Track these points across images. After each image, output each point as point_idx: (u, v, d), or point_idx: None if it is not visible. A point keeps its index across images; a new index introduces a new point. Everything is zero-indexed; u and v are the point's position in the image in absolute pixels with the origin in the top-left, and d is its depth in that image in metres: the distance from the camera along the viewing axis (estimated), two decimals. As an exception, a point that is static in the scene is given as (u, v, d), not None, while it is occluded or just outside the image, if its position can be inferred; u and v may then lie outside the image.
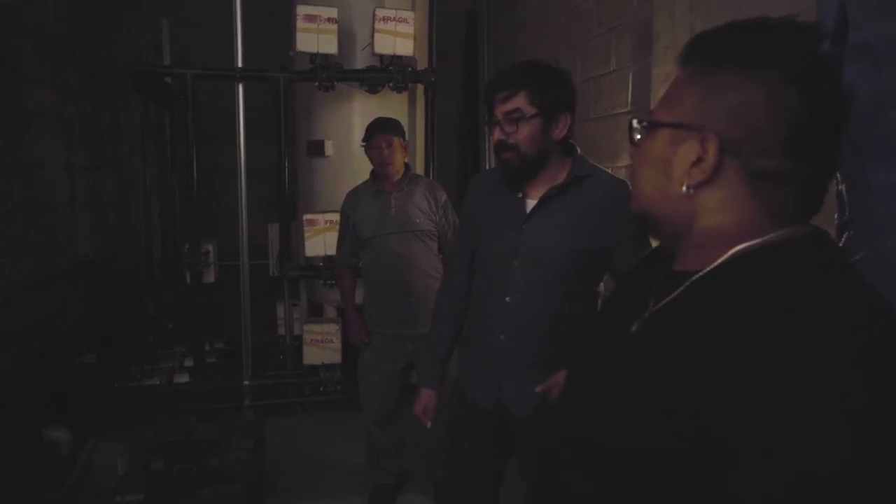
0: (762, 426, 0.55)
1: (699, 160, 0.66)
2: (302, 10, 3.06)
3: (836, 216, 1.00)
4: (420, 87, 3.52)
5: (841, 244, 0.98)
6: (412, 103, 3.55)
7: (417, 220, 2.45)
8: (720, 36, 0.68)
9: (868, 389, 0.53)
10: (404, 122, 3.51)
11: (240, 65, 3.24)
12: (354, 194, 2.57)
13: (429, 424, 1.77)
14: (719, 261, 0.67)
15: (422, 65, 3.52)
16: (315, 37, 3.08)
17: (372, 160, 2.47)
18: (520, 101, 1.43)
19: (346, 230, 2.55)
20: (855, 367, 0.54)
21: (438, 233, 2.52)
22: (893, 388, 0.54)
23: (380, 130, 2.44)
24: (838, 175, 0.98)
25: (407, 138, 3.51)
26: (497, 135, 1.47)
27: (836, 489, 0.52)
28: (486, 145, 3.90)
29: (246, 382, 3.39)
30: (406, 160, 2.53)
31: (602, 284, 1.62)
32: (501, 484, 1.74)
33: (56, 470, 2.28)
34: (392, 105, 3.40)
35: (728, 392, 0.58)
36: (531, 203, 1.52)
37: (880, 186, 0.87)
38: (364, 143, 2.48)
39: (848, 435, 0.52)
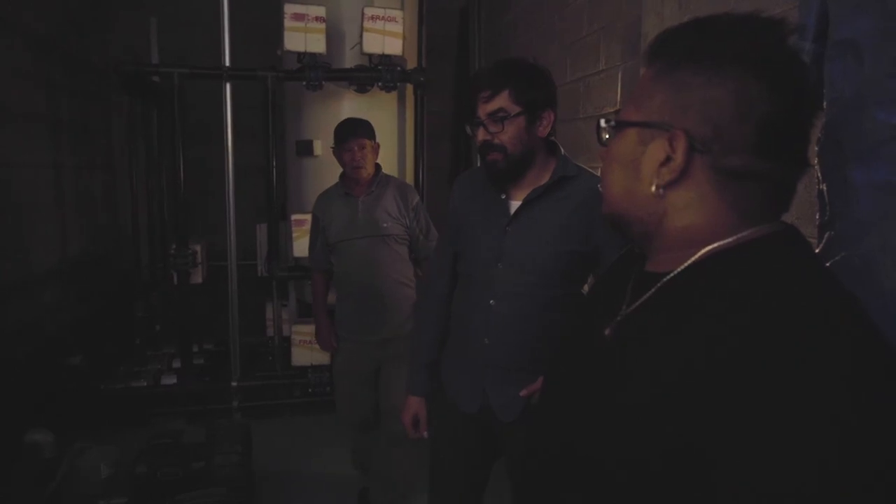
0: (742, 436, 0.53)
1: (668, 159, 0.65)
2: (290, 8, 3.04)
3: (817, 216, 0.99)
4: (410, 87, 3.50)
5: (822, 244, 0.96)
6: (401, 103, 3.53)
7: (385, 225, 2.38)
8: (686, 33, 0.66)
9: (852, 394, 0.51)
10: (393, 121, 3.51)
11: (227, 63, 3.21)
12: (325, 197, 2.52)
13: (424, 434, 1.72)
14: (690, 261, 0.66)
15: (412, 64, 3.50)
16: (303, 35, 3.06)
17: (343, 163, 2.40)
18: (503, 101, 1.41)
19: (317, 233, 2.50)
20: (838, 373, 0.52)
21: (409, 237, 2.45)
22: (876, 391, 0.52)
23: (352, 133, 2.37)
24: (819, 174, 0.97)
25: (396, 138, 3.52)
26: (481, 135, 1.44)
27: (822, 499, 0.50)
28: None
29: (234, 384, 3.36)
30: (377, 161, 2.47)
31: (587, 286, 1.60)
32: (485, 488, 1.72)
33: (38, 473, 2.25)
34: (381, 104, 3.39)
35: (706, 400, 0.56)
36: (515, 205, 1.50)
37: (861, 186, 0.86)
38: (334, 146, 2.41)
39: (833, 443, 0.50)
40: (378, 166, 2.48)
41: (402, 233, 2.42)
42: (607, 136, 0.73)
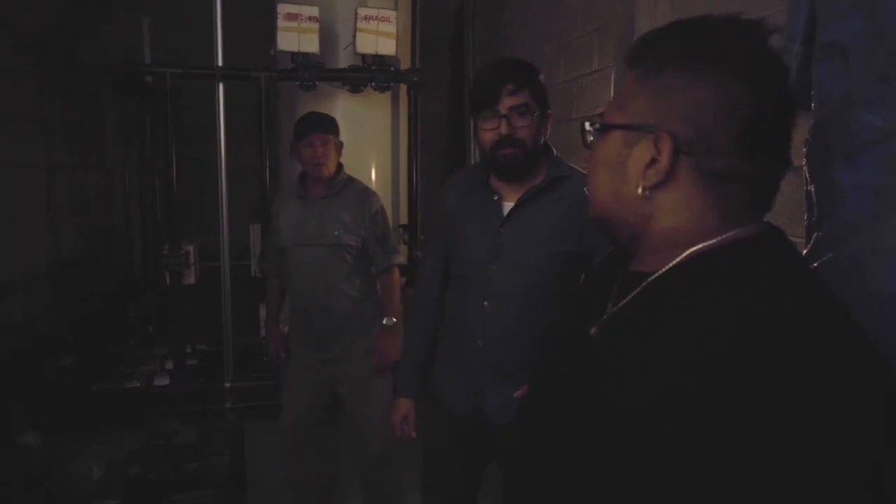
0: (742, 437, 0.53)
1: (653, 161, 0.65)
2: (283, 8, 3.03)
3: (805, 217, 1.00)
4: (404, 87, 3.50)
5: (810, 245, 0.97)
6: (395, 103, 3.53)
7: (336, 233, 2.19)
8: (669, 35, 0.67)
9: (851, 395, 0.52)
10: (387, 122, 3.51)
11: (220, 63, 3.20)
12: (282, 196, 2.38)
13: (413, 435, 1.70)
14: (675, 262, 0.66)
15: (406, 64, 3.50)
16: (296, 35, 3.05)
17: (302, 160, 2.19)
18: (526, 96, 1.41)
19: (271, 236, 2.36)
20: (835, 373, 0.53)
21: (364, 247, 2.26)
22: (873, 392, 0.53)
23: (316, 127, 2.18)
24: (808, 175, 0.98)
25: (390, 139, 3.52)
26: (504, 129, 1.41)
27: (822, 500, 0.50)
28: (473, 144, 3.87)
29: (227, 385, 3.35)
30: (340, 160, 2.28)
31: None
32: (479, 490, 1.71)
33: (30, 475, 2.24)
34: (375, 105, 3.39)
35: (690, 402, 0.56)
36: (508, 205, 1.50)
37: (848, 187, 0.87)
38: (293, 141, 2.22)
39: (833, 443, 0.50)
40: (340, 166, 2.29)
41: (356, 243, 2.23)
42: (592, 139, 0.73)
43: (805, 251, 0.98)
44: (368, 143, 3.44)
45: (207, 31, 3.23)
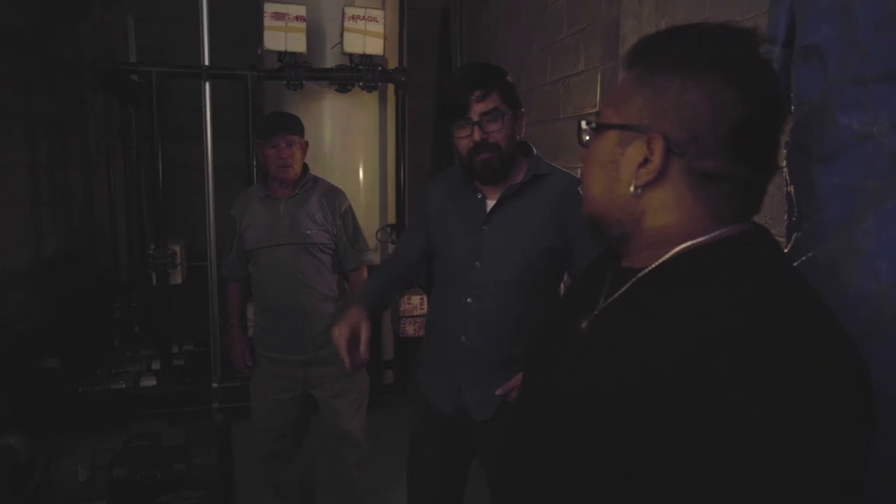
0: (708, 432, 0.55)
1: (646, 161, 0.67)
2: (270, 7, 3.02)
3: (786, 217, 1.02)
4: (391, 86, 3.51)
5: (791, 245, 0.99)
6: (383, 102, 3.53)
7: (309, 232, 2.18)
8: (665, 39, 0.69)
9: (834, 385, 0.54)
10: (375, 121, 3.50)
11: (206, 62, 3.18)
12: (244, 198, 2.32)
13: (361, 349, 1.45)
14: (664, 258, 0.68)
15: (393, 64, 3.50)
16: (283, 35, 3.04)
17: (269, 161, 2.17)
18: (495, 101, 1.43)
19: (233, 238, 2.29)
20: (816, 366, 0.55)
21: (335, 246, 2.26)
22: (850, 381, 0.55)
23: (281, 128, 2.15)
24: (787, 176, 1.00)
25: (378, 138, 3.51)
26: (478, 135, 1.44)
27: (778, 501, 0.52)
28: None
29: (214, 385, 3.33)
30: (304, 161, 2.26)
31: (562, 284, 1.62)
32: (464, 488, 1.72)
33: (15, 477, 2.23)
34: (362, 105, 3.39)
35: (675, 396, 0.58)
36: (491, 204, 1.52)
37: (825, 188, 0.89)
38: (260, 141, 2.19)
39: (799, 445, 0.52)
40: (305, 166, 2.27)
41: (328, 241, 2.22)
42: (587, 138, 0.75)
43: (786, 250, 1.00)
44: (356, 143, 3.44)
45: (194, 29, 3.21)
